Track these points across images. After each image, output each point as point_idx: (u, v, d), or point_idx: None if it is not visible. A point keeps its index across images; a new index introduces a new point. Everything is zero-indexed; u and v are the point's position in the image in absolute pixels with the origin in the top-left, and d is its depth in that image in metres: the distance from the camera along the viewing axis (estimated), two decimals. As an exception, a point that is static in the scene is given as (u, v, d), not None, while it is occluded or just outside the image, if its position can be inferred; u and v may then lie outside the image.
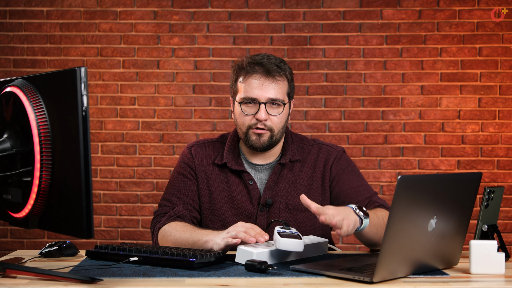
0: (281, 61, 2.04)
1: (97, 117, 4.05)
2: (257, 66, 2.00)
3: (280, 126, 2.02)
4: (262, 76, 1.99)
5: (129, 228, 4.04)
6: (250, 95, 1.99)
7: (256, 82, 1.99)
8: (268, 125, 2.00)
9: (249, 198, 2.03)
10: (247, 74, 2.01)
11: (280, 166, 2.06)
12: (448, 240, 1.62)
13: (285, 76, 2.03)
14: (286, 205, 2.03)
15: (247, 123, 2.01)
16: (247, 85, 2.00)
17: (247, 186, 2.04)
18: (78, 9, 4.06)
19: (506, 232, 3.98)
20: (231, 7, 4.05)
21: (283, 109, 2.01)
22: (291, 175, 2.06)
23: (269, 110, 1.99)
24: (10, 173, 1.49)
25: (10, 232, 4.06)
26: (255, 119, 1.99)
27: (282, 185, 2.05)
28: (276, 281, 1.50)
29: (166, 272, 1.59)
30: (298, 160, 2.08)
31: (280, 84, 2.01)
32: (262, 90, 1.98)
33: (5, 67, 4.06)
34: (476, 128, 4.00)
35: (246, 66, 2.01)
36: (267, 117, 1.99)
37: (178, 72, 4.06)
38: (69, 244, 1.84)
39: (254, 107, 2.00)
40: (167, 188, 2.12)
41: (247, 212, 2.02)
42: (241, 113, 2.02)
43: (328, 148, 2.12)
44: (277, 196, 2.03)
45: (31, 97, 1.47)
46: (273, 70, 1.99)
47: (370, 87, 4.03)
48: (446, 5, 4.00)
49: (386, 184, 4.00)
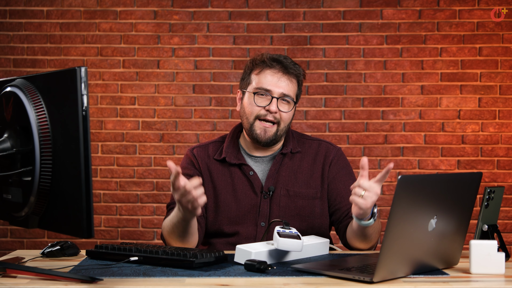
0: (298, 65, 2.12)
1: (97, 117, 4.05)
2: (275, 62, 2.07)
3: (287, 122, 2.08)
4: (280, 71, 2.06)
5: (129, 228, 4.04)
6: (265, 86, 2.04)
7: (272, 76, 2.05)
8: (277, 118, 2.04)
9: (251, 188, 2.08)
10: (265, 67, 2.07)
11: (281, 155, 2.11)
12: (448, 240, 1.62)
13: (298, 78, 2.10)
14: (286, 191, 2.07)
15: (255, 113, 2.05)
16: (263, 77, 2.06)
17: (248, 177, 2.09)
18: (78, 9, 4.06)
19: (506, 232, 3.98)
20: (231, 7, 4.05)
21: (293, 107, 2.07)
22: (291, 164, 2.12)
23: (280, 106, 2.04)
24: (10, 172, 1.49)
25: (10, 232, 4.06)
26: (265, 110, 2.04)
27: (283, 173, 2.10)
28: (276, 281, 1.50)
29: (166, 271, 1.59)
30: (298, 151, 2.14)
31: (293, 82, 2.08)
32: (277, 84, 2.05)
33: (5, 67, 4.06)
34: (476, 128, 4.00)
35: (265, 60, 2.07)
36: (277, 111, 2.04)
37: (178, 72, 4.06)
38: (70, 244, 1.84)
39: (266, 100, 2.05)
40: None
41: (251, 201, 2.06)
42: (252, 102, 2.06)
43: (327, 145, 2.18)
44: (278, 183, 2.08)
45: (31, 96, 1.47)
46: (290, 68, 2.07)
47: (370, 87, 4.03)
48: (446, 5, 4.00)
49: (386, 184, 4.00)
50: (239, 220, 2.06)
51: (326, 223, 2.11)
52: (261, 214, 2.05)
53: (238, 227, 2.05)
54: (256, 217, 2.05)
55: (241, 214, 2.06)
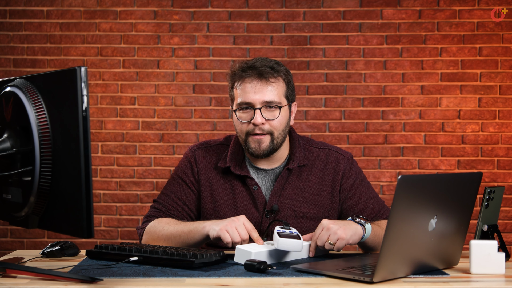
0: (276, 62, 1.98)
1: (97, 117, 4.05)
2: (250, 70, 1.95)
3: (280, 129, 1.96)
4: (255, 79, 1.93)
5: (129, 228, 4.03)
6: (244, 99, 1.94)
7: (249, 86, 1.93)
8: (266, 129, 1.94)
9: (254, 204, 2.00)
10: (241, 79, 1.96)
11: (287, 171, 2.01)
12: (448, 240, 1.62)
13: (280, 77, 1.96)
14: (293, 212, 1.99)
15: (245, 130, 1.95)
16: (241, 90, 1.95)
17: (251, 192, 2.00)
18: (78, 9, 4.06)
19: (506, 232, 3.98)
20: (231, 7, 4.05)
21: (280, 112, 1.94)
22: (298, 181, 2.01)
23: (265, 115, 1.93)
24: (10, 172, 1.49)
25: (10, 232, 4.06)
26: (252, 125, 1.94)
27: (289, 191, 2.00)
28: (276, 281, 1.50)
29: (166, 272, 1.59)
30: (305, 165, 2.02)
31: (275, 86, 1.94)
32: (255, 93, 1.92)
33: (5, 67, 4.06)
34: (476, 128, 4.00)
35: (238, 71, 1.97)
36: (264, 121, 1.93)
37: (178, 72, 4.06)
38: (70, 244, 1.84)
39: (250, 113, 1.94)
40: (164, 188, 2.08)
41: (252, 218, 1.96)
42: (237, 120, 1.97)
43: (337, 155, 2.06)
44: (284, 203, 1.99)
45: (31, 96, 1.47)
46: (266, 72, 1.93)
47: (370, 87, 4.03)
48: (446, 5, 4.00)
49: (386, 184, 4.00)
50: None
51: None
52: (262, 232, 1.96)
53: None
54: None
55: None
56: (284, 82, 1.98)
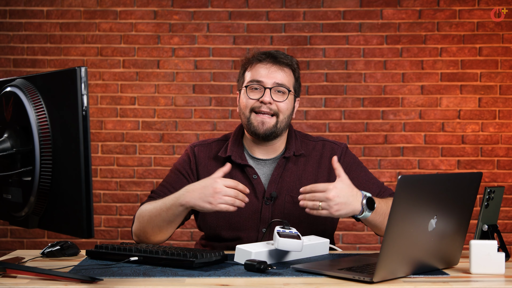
0: (291, 56, 2.08)
1: (97, 117, 4.05)
2: (265, 55, 2.04)
3: (286, 114, 2.02)
4: (269, 62, 2.02)
5: (129, 227, 4.03)
6: (256, 77, 2.01)
7: (263, 68, 2.02)
8: (273, 110, 2.00)
9: (253, 193, 2.03)
10: (255, 62, 2.04)
11: (284, 159, 2.06)
12: (448, 240, 1.62)
13: (291, 68, 2.05)
14: (291, 198, 2.02)
15: (250, 106, 2.01)
16: (254, 71, 2.03)
17: (251, 181, 2.04)
18: (78, 9, 4.06)
19: (506, 232, 3.98)
20: (231, 7, 4.05)
21: (288, 96, 2.02)
22: (296, 169, 2.06)
23: (274, 96, 2.00)
24: (10, 172, 1.49)
25: (10, 232, 4.06)
26: (259, 102, 2.00)
27: (287, 178, 2.05)
28: (276, 281, 1.50)
29: (166, 271, 1.59)
30: (302, 154, 2.08)
31: (287, 73, 2.03)
32: (268, 74, 2.01)
33: (5, 67, 4.06)
34: (476, 128, 4.00)
35: (255, 55, 2.05)
36: (271, 101, 1.99)
37: (178, 72, 4.06)
38: (70, 244, 1.84)
39: (259, 92, 2.01)
40: (161, 182, 2.13)
41: (252, 206, 2.01)
42: (245, 96, 2.03)
43: (332, 145, 2.12)
44: (282, 190, 2.03)
45: (31, 96, 1.47)
46: (280, 58, 2.03)
47: (370, 87, 4.03)
48: (446, 5, 4.00)
49: (386, 184, 4.00)
50: (240, 225, 2.02)
51: (329, 228, 2.09)
52: (263, 220, 2.01)
53: (240, 232, 2.02)
54: (258, 223, 2.01)
55: (242, 219, 2.01)
56: (294, 75, 2.07)
